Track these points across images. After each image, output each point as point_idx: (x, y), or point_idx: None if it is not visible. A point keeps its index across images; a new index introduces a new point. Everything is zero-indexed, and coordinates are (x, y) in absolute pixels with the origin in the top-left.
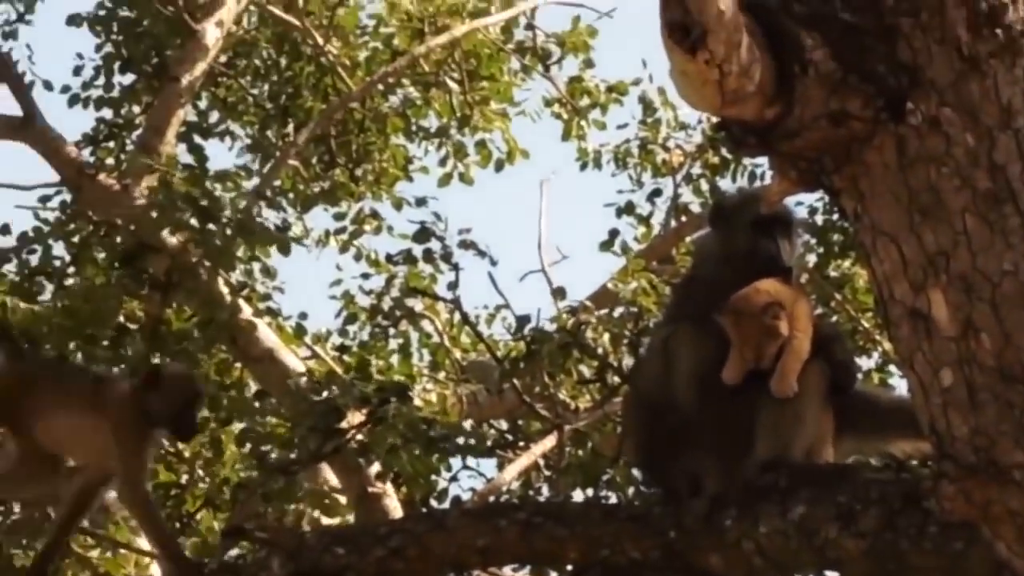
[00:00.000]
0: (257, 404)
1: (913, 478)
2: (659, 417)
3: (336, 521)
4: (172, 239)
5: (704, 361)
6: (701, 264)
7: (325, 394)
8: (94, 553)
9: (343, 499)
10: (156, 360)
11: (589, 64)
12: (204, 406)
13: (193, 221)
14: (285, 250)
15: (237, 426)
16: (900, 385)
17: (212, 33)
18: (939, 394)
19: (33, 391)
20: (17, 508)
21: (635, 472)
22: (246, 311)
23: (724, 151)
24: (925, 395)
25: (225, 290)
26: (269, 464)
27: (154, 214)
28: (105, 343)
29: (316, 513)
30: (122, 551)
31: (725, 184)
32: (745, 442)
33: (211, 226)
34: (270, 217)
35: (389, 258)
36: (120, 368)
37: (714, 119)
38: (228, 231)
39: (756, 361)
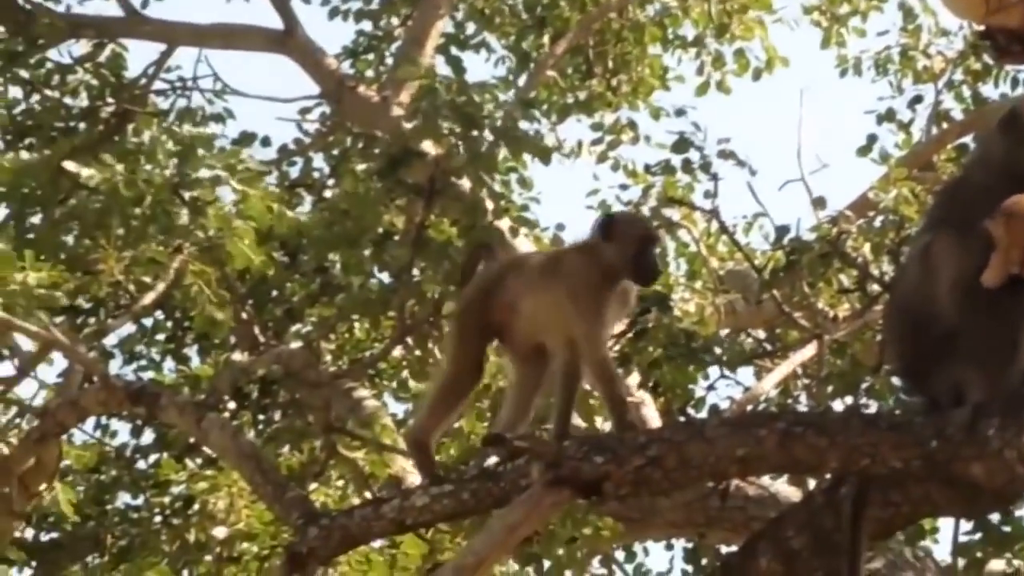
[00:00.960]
0: None
1: None
2: (920, 326)
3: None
4: (433, 148)
5: (967, 269)
6: (975, 166)
7: None
8: (359, 454)
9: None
10: (417, 268)
11: None
12: (659, 249)
13: (457, 127)
14: (547, 159)
15: None
16: None
17: None
18: None
19: (502, 289)
20: (278, 416)
21: (896, 381)
22: (505, 221)
23: (986, 58)
24: None
25: (487, 197)
26: None
27: (417, 121)
28: (367, 252)
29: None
30: (386, 452)
31: (987, 91)
32: (1009, 351)
33: (475, 132)
34: (525, 127)
35: (647, 168)
36: (382, 276)
37: (977, 27)
38: (491, 137)
39: (1021, 268)
